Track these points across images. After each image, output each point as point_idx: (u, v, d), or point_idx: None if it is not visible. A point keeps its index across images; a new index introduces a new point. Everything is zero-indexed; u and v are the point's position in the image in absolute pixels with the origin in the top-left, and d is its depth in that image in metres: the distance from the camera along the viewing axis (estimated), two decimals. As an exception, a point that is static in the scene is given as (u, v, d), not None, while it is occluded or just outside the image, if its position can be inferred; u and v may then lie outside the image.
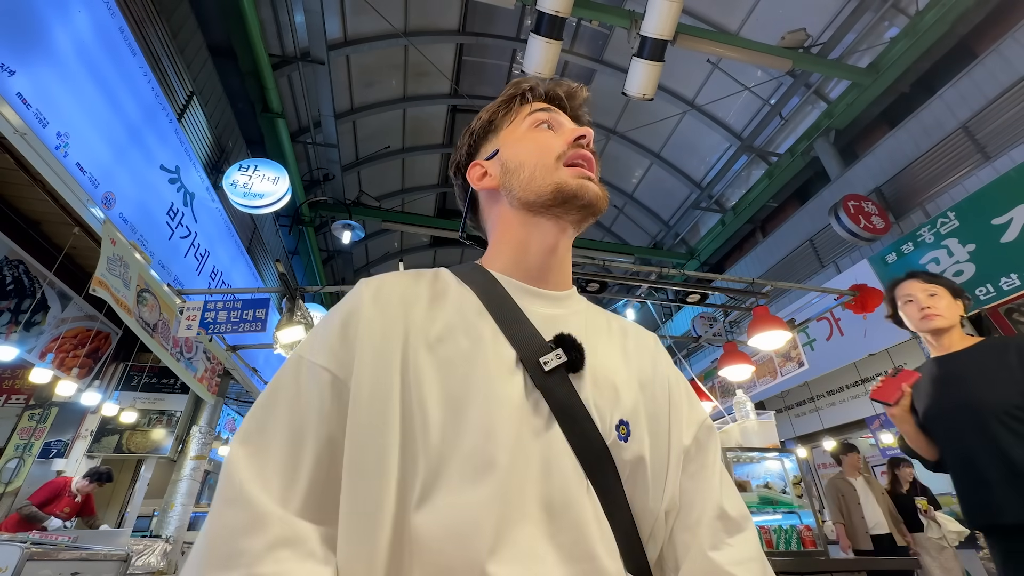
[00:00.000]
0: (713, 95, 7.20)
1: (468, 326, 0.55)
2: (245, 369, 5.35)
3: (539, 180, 0.62)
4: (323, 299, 8.55)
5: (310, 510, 0.45)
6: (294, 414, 0.49)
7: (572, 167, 0.63)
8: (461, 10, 6.76)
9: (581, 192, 0.61)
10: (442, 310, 0.57)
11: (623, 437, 0.53)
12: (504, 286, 0.61)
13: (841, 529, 4.21)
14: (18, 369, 5.73)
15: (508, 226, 0.66)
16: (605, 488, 0.51)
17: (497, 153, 0.69)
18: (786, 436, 7.39)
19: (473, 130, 0.74)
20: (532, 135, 0.67)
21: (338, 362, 0.51)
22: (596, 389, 0.55)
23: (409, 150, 8.78)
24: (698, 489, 0.57)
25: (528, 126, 0.68)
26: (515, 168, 0.65)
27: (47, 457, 6.12)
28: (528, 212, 0.64)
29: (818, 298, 4.79)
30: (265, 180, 5.05)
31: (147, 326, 3.51)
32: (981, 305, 3.97)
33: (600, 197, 0.62)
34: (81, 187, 2.91)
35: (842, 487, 4.47)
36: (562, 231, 0.64)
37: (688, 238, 9.69)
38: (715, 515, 0.55)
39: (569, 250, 0.67)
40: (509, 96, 0.72)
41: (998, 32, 4.87)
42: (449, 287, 0.61)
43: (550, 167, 0.63)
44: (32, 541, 3.02)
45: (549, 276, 0.64)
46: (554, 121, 0.68)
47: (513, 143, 0.68)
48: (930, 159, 5.23)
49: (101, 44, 3.13)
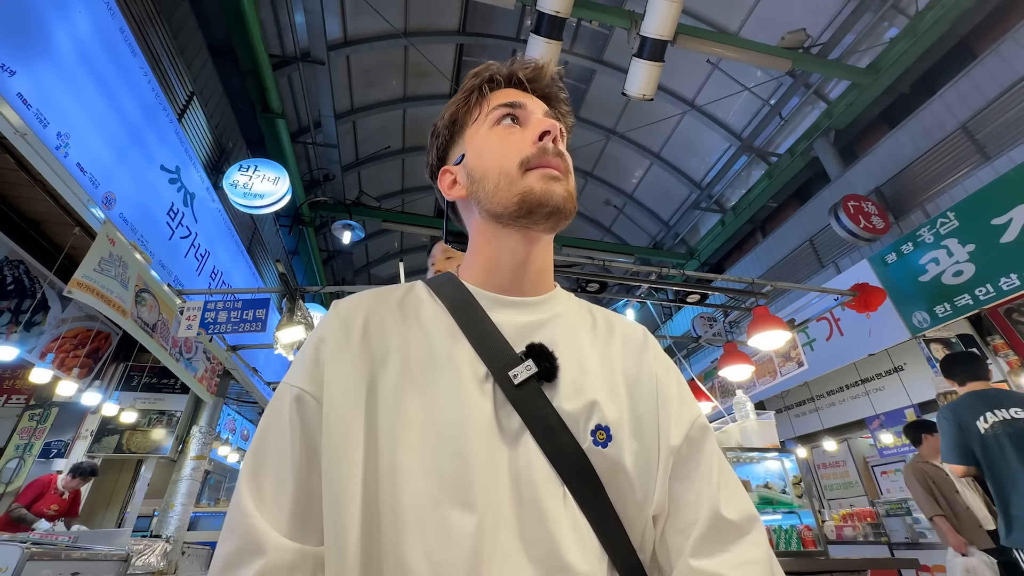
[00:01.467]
0: (713, 95, 7.21)
1: (438, 344, 0.56)
2: (245, 369, 5.35)
3: (504, 191, 0.59)
4: (323, 299, 8.55)
5: (297, 530, 0.47)
6: (280, 437, 0.51)
7: (536, 169, 0.59)
8: (461, 10, 6.76)
9: (546, 198, 0.57)
10: (412, 329, 0.57)
11: (601, 443, 0.52)
12: (477, 298, 0.60)
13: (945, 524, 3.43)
14: (18, 369, 5.73)
15: (480, 237, 0.64)
16: (585, 495, 0.50)
17: (463, 158, 0.65)
18: (786, 436, 7.39)
19: (438, 131, 0.69)
20: (494, 137, 0.62)
21: (312, 383, 0.52)
22: (572, 396, 0.54)
23: (409, 150, 8.79)
24: (691, 491, 0.54)
25: (490, 125, 0.63)
26: (480, 178, 0.62)
27: (47, 457, 6.12)
28: (497, 224, 0.61)
29: (818, 298, 4.79)
30: (265, 180, 5.05)
31: (146, 326, 3.51)
32: (981, 305, 3.97)
33: (566, 198, 0.58)
34: (81, 187, 2.91)
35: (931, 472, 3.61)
36: (532, 242, 0.61)
37: (688, 238, 9.69)
38: (710, 519, 0.52)
39: (547, 253, 0.65)
40: (467, 91, 0.66)
41: (998, 32, 4.88)
42: (422, 303, 0.61)
43: (514, 176, 0.59)
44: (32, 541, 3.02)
45: (523, 285, 0.62)
46: (520, 113, 0.63)
47: (476, 147, 0.64)
48: (930, 159, 5.24)
49: (101, 44, 3.13)
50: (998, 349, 4.30)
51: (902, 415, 5.83)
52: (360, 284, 9.78)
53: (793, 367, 5.11)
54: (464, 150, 0.66)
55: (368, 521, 0.47)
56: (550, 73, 0.68)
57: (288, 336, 3.62)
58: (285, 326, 3.63)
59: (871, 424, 6.26)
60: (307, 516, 0.48)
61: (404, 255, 11.33)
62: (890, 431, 5.98)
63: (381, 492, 0.47)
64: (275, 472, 0.49)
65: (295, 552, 0.45)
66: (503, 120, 0.63)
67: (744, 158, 7.83)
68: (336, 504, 0.46)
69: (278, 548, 0.45)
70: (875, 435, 6.19)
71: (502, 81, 0.66)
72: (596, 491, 0.51)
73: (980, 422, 2.42)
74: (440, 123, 0.69)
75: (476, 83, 0.66)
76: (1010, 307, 4.23)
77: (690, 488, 0.55)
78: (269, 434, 0.52)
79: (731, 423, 3.33)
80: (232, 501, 0.48)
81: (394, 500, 0.47)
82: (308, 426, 0.50)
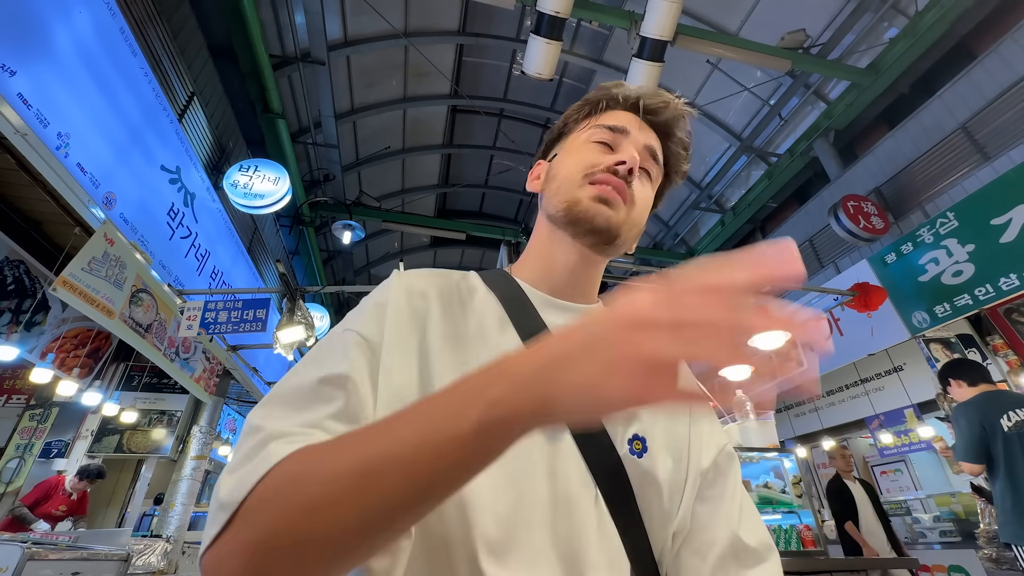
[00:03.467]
0: (713, 95, 7.21)
1: (489, 333, 0.56)
2: (246, 369, 5.35)
3: (561, 194, 0.61)
4: (323, 299, 8.55)
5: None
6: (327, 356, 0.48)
7: (595, 184, 0.59)
8: (461, 11, 6.77)
9: (590, 215, 0.58)
10: (465, 314, 0.57)
11: (637, 452, 0.53)
12: (528, 296, 0.61)
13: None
14: (19, 369, 5.73)
15: (540, 235, 0.66)
16: (616, 501, 0.51)
17: (555, 157, 0.68)
18: (786, 436, 7.39)
19: (553, 129, 0.72)
20: (584, 148, 0.64)
21: (371, 332, 0.50)
22: None
23: (409, 150, 8.79)
24: (714, 514, 0.55)
25: (586, 139, 0.64)
26: (552, 177, 0.65)
27: (48, 457, 6.13)
28: (554, 224, 0.63)
29: (817, 298, 4.80)
30: (265, 180, 5.05)
31: (138, 327, 3.51)
32: (980, 305, 3.97)
33: (609, 222, 0.58)
34: (82, 187, 2.92)
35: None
36: (581, 254, 0.61)
37: (688, 238, 9.69)
38: (729, 544, 0.53)
39: (595, 270, 0.65)
40: (587, 100, 0.68)
41: (997, 33, 4.88)
42: (476, 291, 0.61)
43: (575, 182, 0.60)
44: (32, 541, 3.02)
45: (575, 292, 0.63)
46: (617, 140, 0.63)
47: (565, 152, 0.66)
48: (929, 159, 5.24)
49: (102, 45, 3.13)
50: (998, 349, 4.31)
51: (902, 415, 5.83)
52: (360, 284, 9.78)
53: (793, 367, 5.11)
54: (559, 151, 0.68)
55: None
56: (675, 110, 0.67)
57: (288, 336, 3.62)
58: (285, 326, 3.63)
59: (871, 424, 6.26)
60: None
61: (404, 255, 11.33)
62: (890, 431, 5.98)
63: None
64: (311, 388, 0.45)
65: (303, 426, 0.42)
66: (599, 141, 0.63)
67: (744, 158, 7.83)
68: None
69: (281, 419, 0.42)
70: (875, 435, 6.19)
71: (622, 102, 0.66)
72: (627, 498, 0.52)
73: (1004, 420, 2.46)
74: (558, 121, 0.71)
75: (598, 96, 0.67)
76: (1010, 307, 4.23)
77: (713, 512, 0.55)
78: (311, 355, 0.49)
79: (731, 423, 3.33)
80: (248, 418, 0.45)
81: None
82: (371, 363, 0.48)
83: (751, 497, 2.48)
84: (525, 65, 5.01)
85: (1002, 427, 2.45)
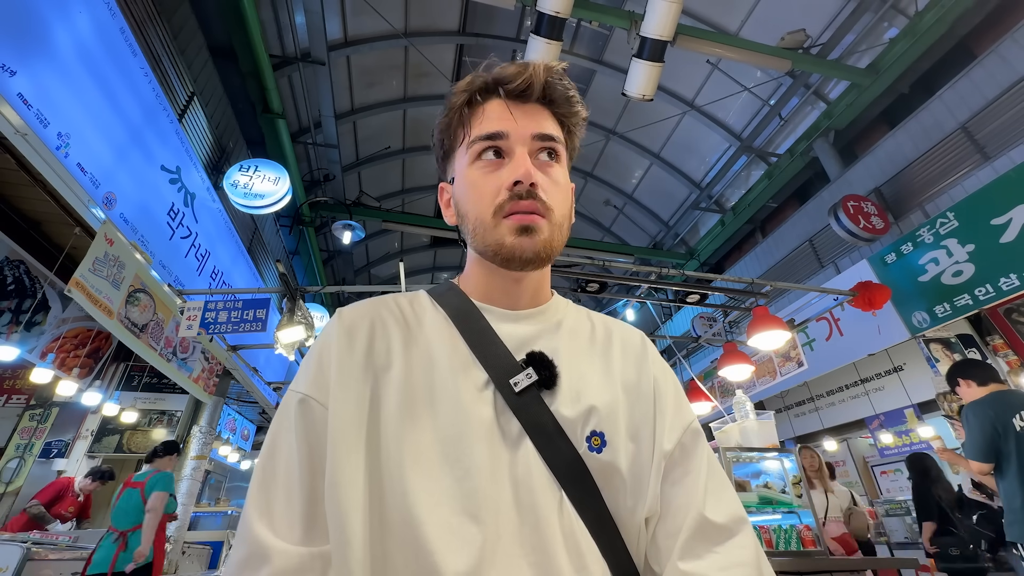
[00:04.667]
0: (713, 95, 7.21)
1: (440, 352, 0.57)
2: (246, 369, 5.35)
3: (480, 237, 0.59)
4: (323, 299, 8.55)
5: (309, 535, 0.47)
6: (287, 446, 0.51)
7: (509, 217, 0.57)
8: (461, 11, 6.76)
9: (517, 253, 0.56)
10: (415, 337, 0.58)
11: (596, 448, 0.54)
12: (480, 309, 0.61)
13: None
14: (19, 369, 5.73)
15: (474, 263, 0.65)
16: (582, 499, 0.51)
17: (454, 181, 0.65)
18: (786, 436, 7.39)
19: (433, 144, 0.68)
20: (474, 174, 0.60)
21: (317, 389, 0.53)
22: (571, 402, 0.55)
23: (409, 150, 8.79)
24: (681, 495, 0.55)
25: (471, 159, 0.60)
26: (463, 216, 0.62)
27: (48, 457, 6.13)
28: (484, 257, 0.61)
29: (818, 298, 4.80)
30: (265, 180, 5.05)
31: (134, 327, 3.51)
32: (980, 305, 3.97)
33: (538, 250, 0.56)
34: (82, 187, 2.92)
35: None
36: (519, 276, 0.61)
37: (688, 238, 9.69)
38: (695, 523, 0.53)
39: (541, 276, 0.65)
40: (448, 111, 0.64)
41: (997, 33, 4.88)
42: (425, 312, 0.62)
43: (488, 225, 0.58)
44: (33, 541, 3.02)
45: (519, 302, 0.63)
46: (503, 145, 0.59)
47: (460, 180, 0.62)
48: (929, 159, 5.24)
49: (102, 45, 3.13)
50: (998, 349, 4.30)
51: (902, 415, 5.84)
52: (360, 284, 9.78)
53: (793, 367, 5.11)
54: (454, 173, 0.64)
55: (372, 524, 0.47)
56: (541, 80, 0.60)
57: (288, 336, 3.62)
58: (285, 326, 3.63)
59: (871, 424, 6.26)
60: (317, 519, 0.48)
61: (404, 255, 11.33)
62: (890, 431, 5.98)
63: (385, 497, 0.48)
64: (284, 482, 0.49)
65: (301, 555, 0.45)
66: (484, 153, 0.60)
67: (744, 158, 7.83)
68: (339, 507, 0.46)
69: (282, 553, 0.45)
70: (875, 435, 6.19)
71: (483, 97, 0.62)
72: (593, 495, 0.52)
73: (1016, 420, 2.47)
74: (433, 137, 0.67)
75: (456, 101, 0.62)
76: (1010, 307, 4.23)
77: (680, 492, 0.56)
78: (276, 445, 0.52)
79: (731, 423, 3.33)
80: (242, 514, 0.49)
81: (399, 505, 0.47)
82: (314, 431, 0.51)
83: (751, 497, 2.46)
84: (525, 65, 5.00)
85: (1015, 427, 2.46)
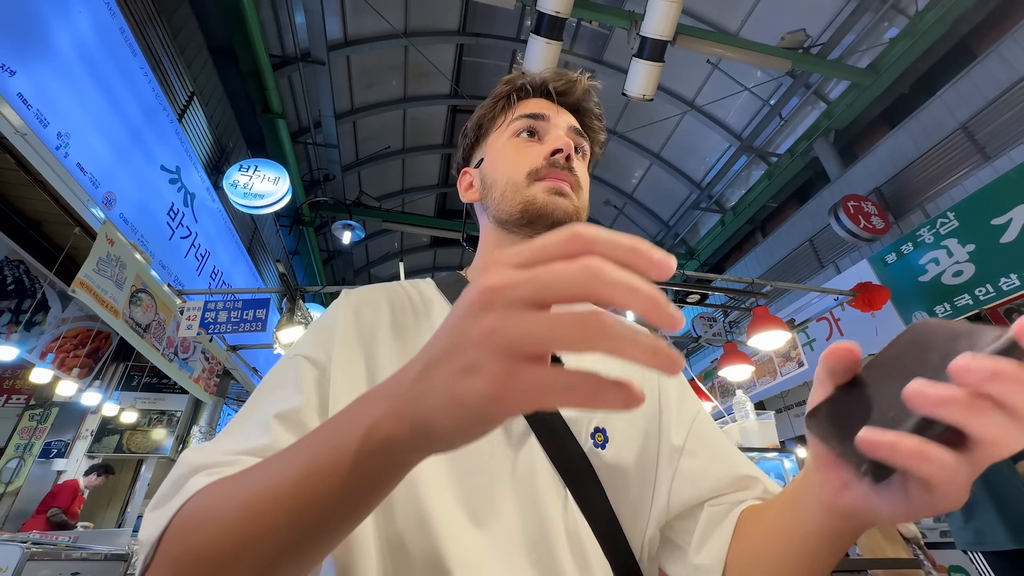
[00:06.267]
0: (713, 95, 7.20)
1: None
2: (245, 369, 5.35)
3: (509, 199, 0.60)
4: (323, 299, 8.54)
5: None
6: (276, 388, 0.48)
7: (544, 180, 0.60)
8: (461, 11, 6.76)
9: (548, 209, 0.58)
10: (420, 326, 0.57)
11: (599, 444, 0.53)
12: None
13: None
14: (18, 369, 5.73)
15: (489, 242, 0.65)
16: (586, 497, 0.51)
17: (482, 163, 0.67)
18: (786, 436, 7.38)
19: (466, 131, 0.71)
20: (511, 147, 0.64)
21: (322, 354, 0.51)
22: None
23: (409, 150, 8.78)
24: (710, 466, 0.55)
25: (509, 135, 0.64)
26: (491, 184, 0.64)
27: (47, 457, 6.12)
28: (504, 230, 0.62)
29: (818, 298, 4.79)
30: (265, 180, 5.05)
31: (138, 327, 3.51)
32: (981, 305, 3.97)
33: (571, 213, 0.59)
34: (82, 187, 2.92)
35: None
36: None
37: (688, 238, 9.69)
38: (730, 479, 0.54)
39: None
40: (496, 96, 0.68)
41: (997, 33, 4.88)
42: (432, 303, 0.61)
43: (520, 184, 0.60)
44: (32, 541, 3.02)
45: None
46: (541, 126, 0.64)
47: (494, 155, 0.65)
48: (930, 159, 5.24)
49: (102, 44, 3.13)
50: (998, 349, 4.30)
51: (902, 415, 5.82)
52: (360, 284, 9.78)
53: (793, 367, 5.11)
54: (484, 155, 0.67)
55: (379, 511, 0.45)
56: (583, 87, 0.68)
57: (288, 336, 3.62)
58: (285, 326, 3.63)
59: (871, 424, 6.25)
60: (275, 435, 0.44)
61: (404, 255, 11.32)
62: (890, 431, 5.97)
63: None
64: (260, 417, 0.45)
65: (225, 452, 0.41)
66: (522, 132, 0.64)
67: (744, 158, 7.82)
68: None
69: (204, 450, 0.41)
70: (875, 435, 6.18)
71: (531, 91, 0.66)
72: (597, 493, 0.52)
73: None
74: (469, 124, 0.71)
75: (505, 90, 0.67)
76: (1010, 307, 4.23)
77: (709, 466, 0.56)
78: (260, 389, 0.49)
79: (731, 423, 3.32)
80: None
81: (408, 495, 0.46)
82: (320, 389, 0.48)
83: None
84: (525, 65, 5.00)
85: None
